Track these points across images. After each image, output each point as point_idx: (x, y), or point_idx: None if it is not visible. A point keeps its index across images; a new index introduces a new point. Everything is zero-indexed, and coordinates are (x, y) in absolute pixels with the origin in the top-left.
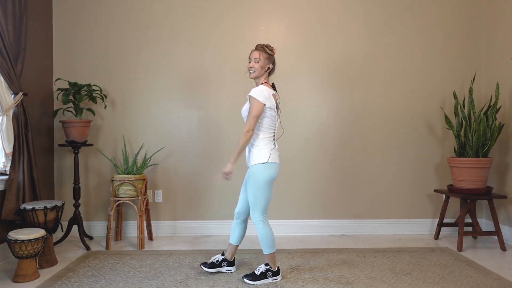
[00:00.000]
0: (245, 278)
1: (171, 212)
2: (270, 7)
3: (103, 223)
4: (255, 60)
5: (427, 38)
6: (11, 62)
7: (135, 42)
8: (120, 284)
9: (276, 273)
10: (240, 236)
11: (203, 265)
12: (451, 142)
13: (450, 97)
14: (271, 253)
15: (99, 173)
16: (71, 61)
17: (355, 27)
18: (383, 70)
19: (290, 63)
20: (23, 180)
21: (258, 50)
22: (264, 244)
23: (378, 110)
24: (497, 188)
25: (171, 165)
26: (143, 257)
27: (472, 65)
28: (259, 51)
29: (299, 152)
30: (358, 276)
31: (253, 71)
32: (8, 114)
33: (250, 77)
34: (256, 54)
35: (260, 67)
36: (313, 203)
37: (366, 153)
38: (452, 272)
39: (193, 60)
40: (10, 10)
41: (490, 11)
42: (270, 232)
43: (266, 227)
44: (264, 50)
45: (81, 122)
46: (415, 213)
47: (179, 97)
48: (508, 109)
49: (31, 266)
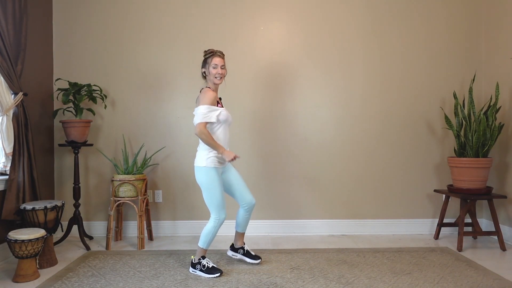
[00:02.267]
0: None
1: (171, 212)
2: (270, 7)
3: (103, 223)
4: (222, 67)
5: (427, 38)
6: (11, 62)
7: (136, 42)
8: (120, 284)
9: (205, 269)
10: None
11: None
12: (451, 142)
13: (450, 97)
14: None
15: (99, 173)
16: (71, 61)
17: (355, 27)
18: (383, 70)
19: (290, 63)
20: (23, 180)
21: (222, 58)
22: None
23: (378, 110)
24: (497, 188)
25: (171, 165)
26: (143, 257)
27: (472, 65)
28: (223, 58)
29: (298, 152)
30: (358, 276)
31: (222, 76)
32: (8, 114)
33: (219, 82)
34: (223, 61)
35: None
36: (313, 203)
37: (366, 153)
38: (452, 272)
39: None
40: (10, 10)
41: (490, 11)
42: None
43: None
44: (224, 56)
45: (81, 122)
46: (415, 213)
47: (179, 97)
48: (508, 109)
49: (31, 266)
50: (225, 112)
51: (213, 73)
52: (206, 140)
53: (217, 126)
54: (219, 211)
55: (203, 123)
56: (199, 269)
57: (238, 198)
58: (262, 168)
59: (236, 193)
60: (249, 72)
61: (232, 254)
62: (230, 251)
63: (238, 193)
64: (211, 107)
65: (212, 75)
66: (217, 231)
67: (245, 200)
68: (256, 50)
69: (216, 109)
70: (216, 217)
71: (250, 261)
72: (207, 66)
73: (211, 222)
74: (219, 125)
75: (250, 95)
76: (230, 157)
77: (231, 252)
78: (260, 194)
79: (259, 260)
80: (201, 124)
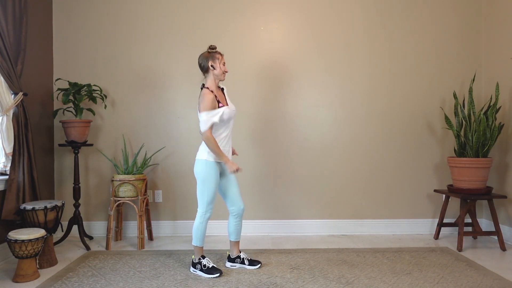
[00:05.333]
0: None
1: (171, 212)
2: (270, 7)
3: (103, 223)
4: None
5: (427, 38)
6: (11, 62)
7: (135, 42)
8: (120, 284)
9: (205, 269)
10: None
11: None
12: (451, 142)
13: (450, 97)
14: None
15: (99, 173)
16: (71, 61)
17: (355, 27)
18: (383, 70)
19: (290, 63)
20: (23, 180)
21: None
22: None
23: (378, 110)
24: (497, 188)
25: (171, 165)
26: (143, 257)
27: (472, 65)
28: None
29: (298, 152)
30: (358, 276)
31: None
32: (8, 114)
33: (224, 79)
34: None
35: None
36: (313, 203)
37: (366, 153)
38: (452, 272)
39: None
40: (10, 10)
41: (490, 11)
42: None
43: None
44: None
45: (81, 122)
46: (415, 213)
47: (179, 97)
48: (508, 109)
49: (31, 266)
50: (228, 109)
51: (223, 69)
52: (211, 147)
53: (221, 124)
54: (207, 206)
55: (209, 130)
56: (199, 269)
57: (228, 201)
58: (262, 168)
59: (229, 196)
60: (249, 72)
61: (230, 265)
62: (228, 262)
63: (231, 196)
64: (211, 112)
65: (222, 71)
66: (205, 227)
67: (234, 204)
68: (256, 50)
69: (218, 112)
70: (203, 211)
71: (250, 268)
72: (217, 62)
73: (198, 218)
74: (222, 124)
75: (250, 96)
76: (233, 169)
77: (229, 263)
78: (260, 194)
79: (259, 265)
80: (207, 131)
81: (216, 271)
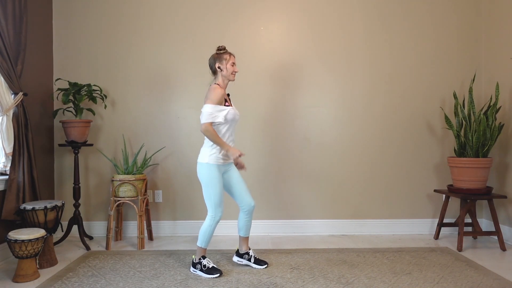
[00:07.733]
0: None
1: (171, 212)
2: (270, 7)
3: (103, 223)
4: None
5: (427, 38)
6: (11, 62)
7: (135, 42)
8: (120, 284)
9: (205, 269)
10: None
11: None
12: (451, 142)
13: (450, 97)
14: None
15: (99, 173)
16: (71, 61)
17: (355, 27)
18: (383, 70)
19: (291, 63)
20: (23, 180)
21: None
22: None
23: (378, 110)
24: (497, 188)
25: (171, 165)
26: (143, 257)
27: (472, 65)
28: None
29: (298, 152)
30: (358, 276)
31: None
32: (8, 114)
33: (234, 79)
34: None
35: None
36: (313, 203)
37: (366, 153)
38: (452, 272)
39: (193, 60)
40: (10, 10)
41: (490, 11)
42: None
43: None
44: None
45: (81, 122)
46: (415, 213)
47: (179, 97)
48: (508, 109)
49: (31, 266)
50: (233, 110)
51: (231, 70)
52: (211, 137)
53: (224, 125)
54: (215, 209)
55: (209, 123)
56: (199, 269)
57: (237, 199)
58: (262, 168)
59: (236, 194)
60: (249, 72)
61: (238, 260)
62: (236, 256)
63: (238, 194)
64: (217, 107)
65: (230, 71)
66: (213, 230)
67: (244, 202)
68: (257, 50)
69: (224, 109)
70: (212, 214)
71: (257, 267)
72: (224, 63)
73: (207, 220)
74: (226, 124)
75: (252, 96)
76: (236, 155)
77: (236, 257)
78: (260, 194)
79: (265, 266)
80: (207, 124)
81: (216, 271)
